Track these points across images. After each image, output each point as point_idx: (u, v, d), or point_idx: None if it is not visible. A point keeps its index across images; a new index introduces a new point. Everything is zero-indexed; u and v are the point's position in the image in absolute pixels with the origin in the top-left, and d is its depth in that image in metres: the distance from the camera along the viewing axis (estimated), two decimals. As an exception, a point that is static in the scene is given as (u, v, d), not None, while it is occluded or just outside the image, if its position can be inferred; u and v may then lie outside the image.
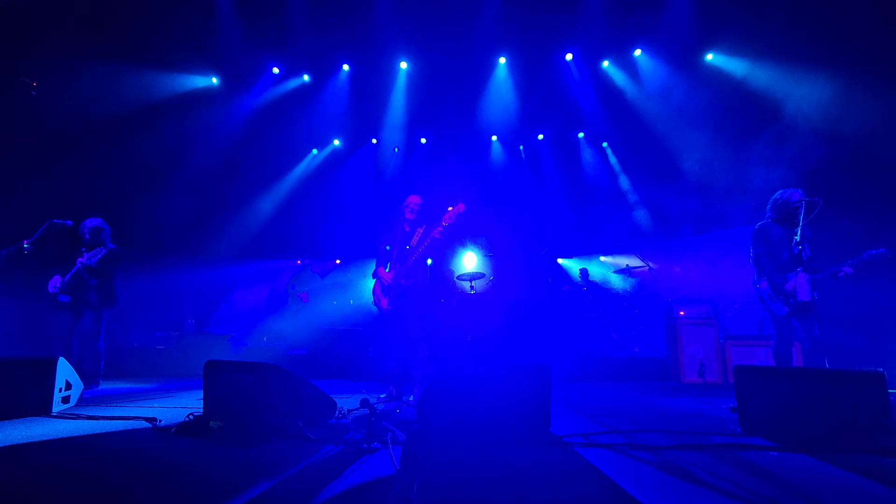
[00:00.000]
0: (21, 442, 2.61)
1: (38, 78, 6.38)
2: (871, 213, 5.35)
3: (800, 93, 6.15)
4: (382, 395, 4.19)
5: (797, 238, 3.58)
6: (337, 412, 3.22)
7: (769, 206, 4.06)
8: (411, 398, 4.03)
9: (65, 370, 3.58)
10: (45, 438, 2.71)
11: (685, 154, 7.67)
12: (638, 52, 7.90)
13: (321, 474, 2.07)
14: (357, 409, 3.40)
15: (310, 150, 9.90)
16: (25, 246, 4.17)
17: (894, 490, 1.95)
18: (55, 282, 4.56)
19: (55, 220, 4.39)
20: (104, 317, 4.78)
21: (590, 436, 2.79)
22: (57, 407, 3.45)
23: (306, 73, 8.51)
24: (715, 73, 7.41)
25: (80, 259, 4.55)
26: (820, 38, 5.90)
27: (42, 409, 3.35)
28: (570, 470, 2.16)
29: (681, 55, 7.50)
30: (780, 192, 3.99)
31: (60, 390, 3.50)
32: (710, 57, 7.48)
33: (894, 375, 3.43)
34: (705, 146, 7.26)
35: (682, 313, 5.99)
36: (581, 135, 9.74)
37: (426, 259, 4.22)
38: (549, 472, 2.13)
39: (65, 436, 2.77)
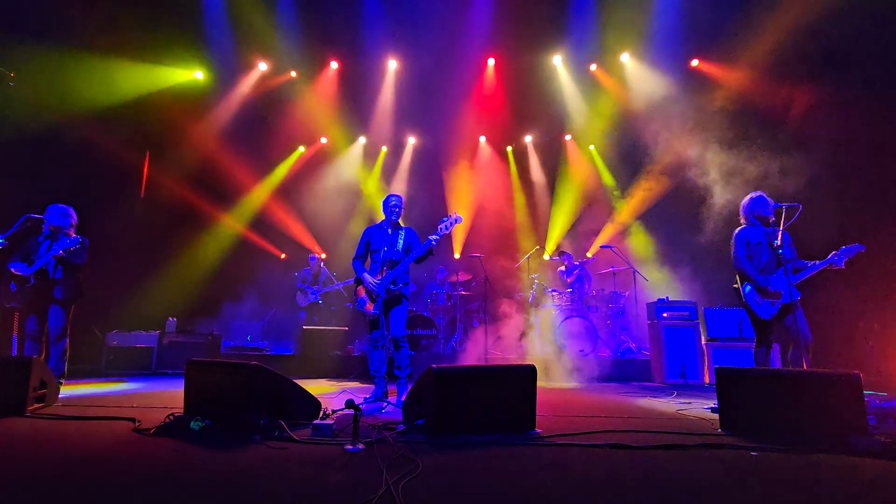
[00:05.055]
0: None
1: (17, 68, 6.21)
2: (854, 218, 5.47)
3: (781, 99, 6.27)
4: (368, 396, 4.17)
5: (777, 241, 3.65)
6: (321, 412, 3.20)
7: (747, 211, 4.12)
8: (396, 399, 4.02)
9: (39, 369, 3.48)
10: (17, 438, 2.64)
11: (669, 156, 7.76)
12: (625, 57, 8.00)
13: (305, 475, 2.05)
14: (342, 409, 3.38)
15: (296, 148, 9.80)
16: (0, 240, 4.05)
17: (868, 489, 2.00)
18: (17, 266, 4.16)
19: (31, 215, 4.26)
20: (71, 312, 4.43)
21: (573, 436, 2.81)
22: (31, 406, 3.35)
23: (293, 70, 8.41)
24: (700, 79, 7.52)
25: (52, 250, 4.18)
26: (804, 46, 6.02)
27: (16, 408, 3.25)
28: (553, 470, 2.18)
29: (667, 61, 7.60)
30: (750, 196, 4.09)
31: (34, 389, 3.40)
32: (695, 63, 7.61)
33: (870, 377, 3.52)
34: (690, 149, 7.35)
35: (664, 315, 6.08)
36: (568, 137, 9.82)
37: (414, 263, 4.20)
38: (534, 472, 2.14)
39: (38, 436, 2.70)
